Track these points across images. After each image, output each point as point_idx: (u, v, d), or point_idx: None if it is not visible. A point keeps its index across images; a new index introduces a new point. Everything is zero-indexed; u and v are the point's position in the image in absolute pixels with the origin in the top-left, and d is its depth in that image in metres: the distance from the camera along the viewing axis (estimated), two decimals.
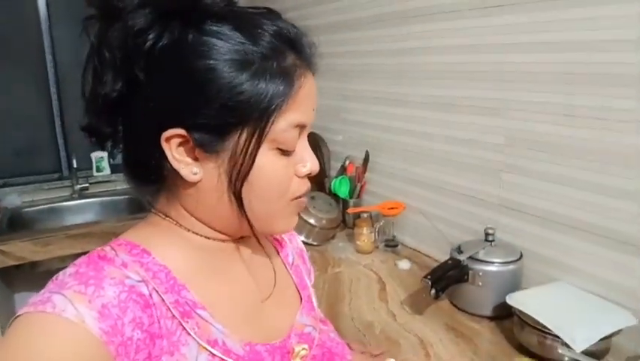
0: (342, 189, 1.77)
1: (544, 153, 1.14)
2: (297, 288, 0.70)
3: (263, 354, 0.57)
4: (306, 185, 0.59)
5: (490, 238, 1.18)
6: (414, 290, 1.28)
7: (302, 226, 1.63)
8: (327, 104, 1.95)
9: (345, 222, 1.76)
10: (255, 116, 0.51)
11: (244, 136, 0.52)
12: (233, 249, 0.61)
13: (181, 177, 0.54)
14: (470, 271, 1.12)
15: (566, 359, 0.91)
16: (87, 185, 2.26)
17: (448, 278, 1.10)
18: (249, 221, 0.55)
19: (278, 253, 0.71)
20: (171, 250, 0.56)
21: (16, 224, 2.03)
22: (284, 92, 0.52)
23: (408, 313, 1.18)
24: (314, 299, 0.71)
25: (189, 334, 0.51)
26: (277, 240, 0.73)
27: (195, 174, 0.53)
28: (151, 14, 0.51)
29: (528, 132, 1.17)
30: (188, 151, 0.53)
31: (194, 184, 0.55)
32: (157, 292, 0.51)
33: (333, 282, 1.35)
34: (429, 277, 1.06)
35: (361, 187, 1.74)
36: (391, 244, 1.56)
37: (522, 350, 1.01)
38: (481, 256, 1.14)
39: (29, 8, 2.17)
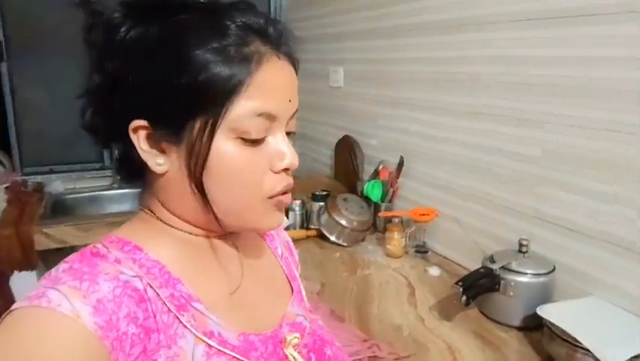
0: (374, 192, 1.78)
1: (581, 167, 1.14)
2: (287, 279, 0.71)
3: (257, 344, 0.57)
4: (285, 181, 0.57)
5: (524, 250, 1.18)
6: (443, 297, 1.29)
7: (333, 227, 1.66)
8: (364, 109, 1.97)
9: (376, 226, 1.78)
10: (210, 102, 0.51)
11: (199, 123, 0.51)
12: (222, 243, 0.62)
13: (154, 171, 0.55)
14: (502, 281, 1.13)
15: None
16: None
17: (479, 286, 1.10)
18: (214, 213, 0.55)
19: (267, 245, 0.72)
20: (162, 245, 0.57)
21: (58, 209, 2.12)
22: (240, 77, 0.51)
23: (436, 318, 1.19)
24: (303, 290, 0.72)
25: (186, 327, 0.52)
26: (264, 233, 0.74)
27: (160, 165, 0.54)
28: (123, 11, 0.53)
29: (564, 146, 1.17)
30: (156, 143, 0.54)
31: (162, 176, 0.55)
32: (151, 287, 0.52)
33: (362, 284, 1.37)
34: (460, 283, 1.07)
35: (394, 192, 1.76)
36: (422, 250, 1.57)
37: None
38: (513, 266, 1.14)
39: None
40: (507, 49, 1.29)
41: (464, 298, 1.06)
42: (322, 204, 1.76)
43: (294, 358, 0.60)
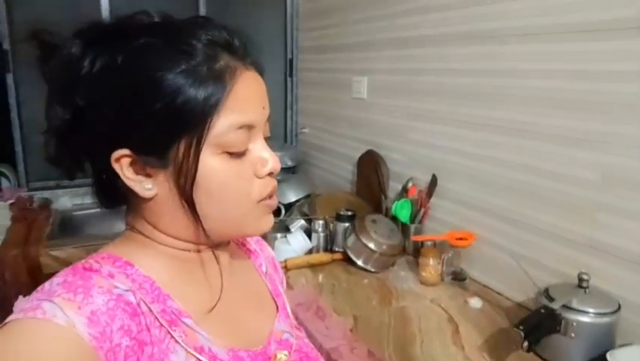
0: (402, 212, 1.67)
1: None
2: (272, 296, 0.72)
3: (246, 360, 0.59)
4: (271, 184, 0.59)
5: (584, 285, 1.06)
6: (490, 334, 1.17)
7: (360, 250, 1.55)
8: (389, 122, 1.86)
9: (405, 249, 1.66)
10: (191, 124, 0.52)
11: (183, 145, 0.52)
12: (210, 259, 0.62)
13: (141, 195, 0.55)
14: (563, 321, 1.01)
15: None
16: None
17: (541, 329, 0.99)
18: (202, 228, 0.56)
19: (252, 263, 0.74)
20: (152, 262, 0.57)
21: (66, 227, 2.02)
22: (216, 94, 0.52)
23: None
24: (287, 307, 0.73)
25: (177, 342, 0.53)
26: (249, 250, 0.75)
27: (149, 189, 0.55)
28: (82, 43, 0.53)
29: (627, 169, 1.06)
30: (140, 168, 0.54)
31: (151, 199, 0.56)
32: (144, 302, 0.53)
33: (399, 318, 1.25)
34: (521, 327, 0.95)
35: (424, 212, 1.64)
36: (459, 278, 1.45)
37: None
38: (574, 304, 1.02)
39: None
40: (557, 63, 1.18)
41: (526, 344, 0.94)
42: (348, 225, 1.65)
43: None
